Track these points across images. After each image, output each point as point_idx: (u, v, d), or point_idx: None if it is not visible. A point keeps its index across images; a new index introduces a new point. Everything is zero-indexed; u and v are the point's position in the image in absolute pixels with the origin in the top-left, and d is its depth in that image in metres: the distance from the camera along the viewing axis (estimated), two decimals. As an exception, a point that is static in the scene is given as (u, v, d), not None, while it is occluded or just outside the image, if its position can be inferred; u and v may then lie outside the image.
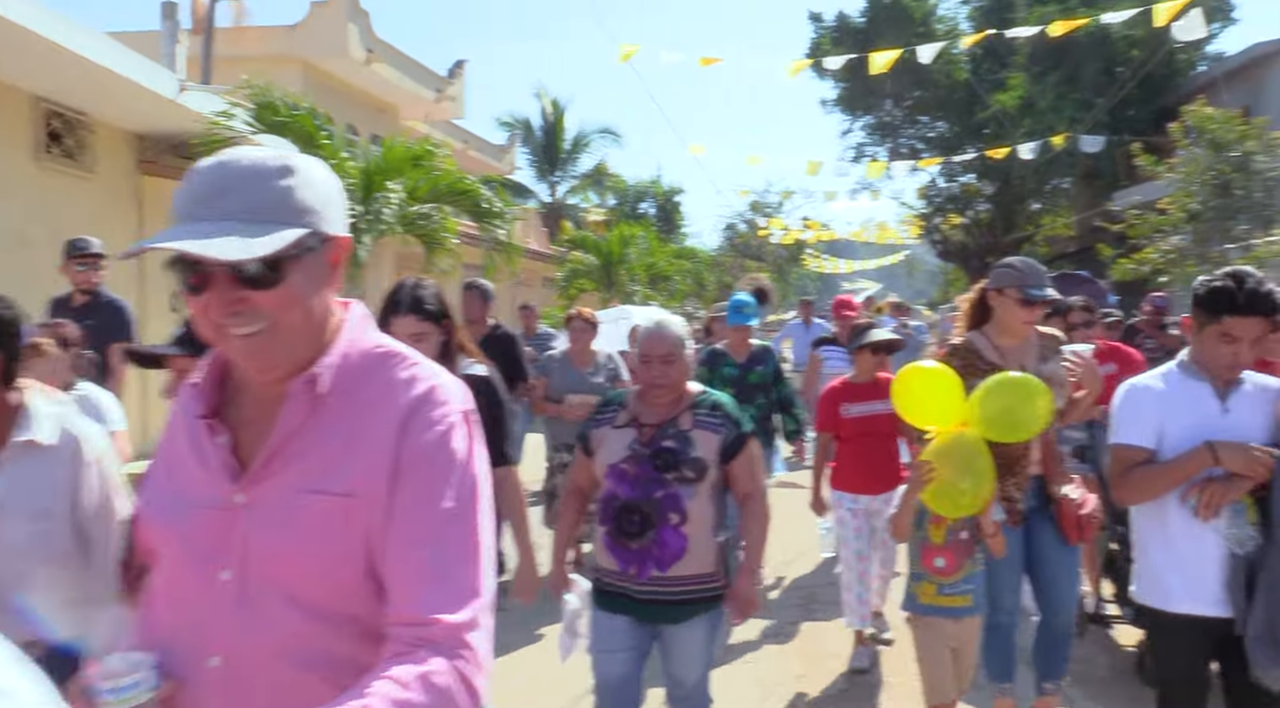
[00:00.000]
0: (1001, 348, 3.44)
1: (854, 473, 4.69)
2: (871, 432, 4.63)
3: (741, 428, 2.99)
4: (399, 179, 8.32)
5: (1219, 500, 2.47)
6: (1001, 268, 3.51)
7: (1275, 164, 10.77)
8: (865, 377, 4.75)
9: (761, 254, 39.25)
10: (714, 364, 5.59)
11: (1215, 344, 2.56)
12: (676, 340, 2.94)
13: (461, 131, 21.31)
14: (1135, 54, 20.55)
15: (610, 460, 2.93)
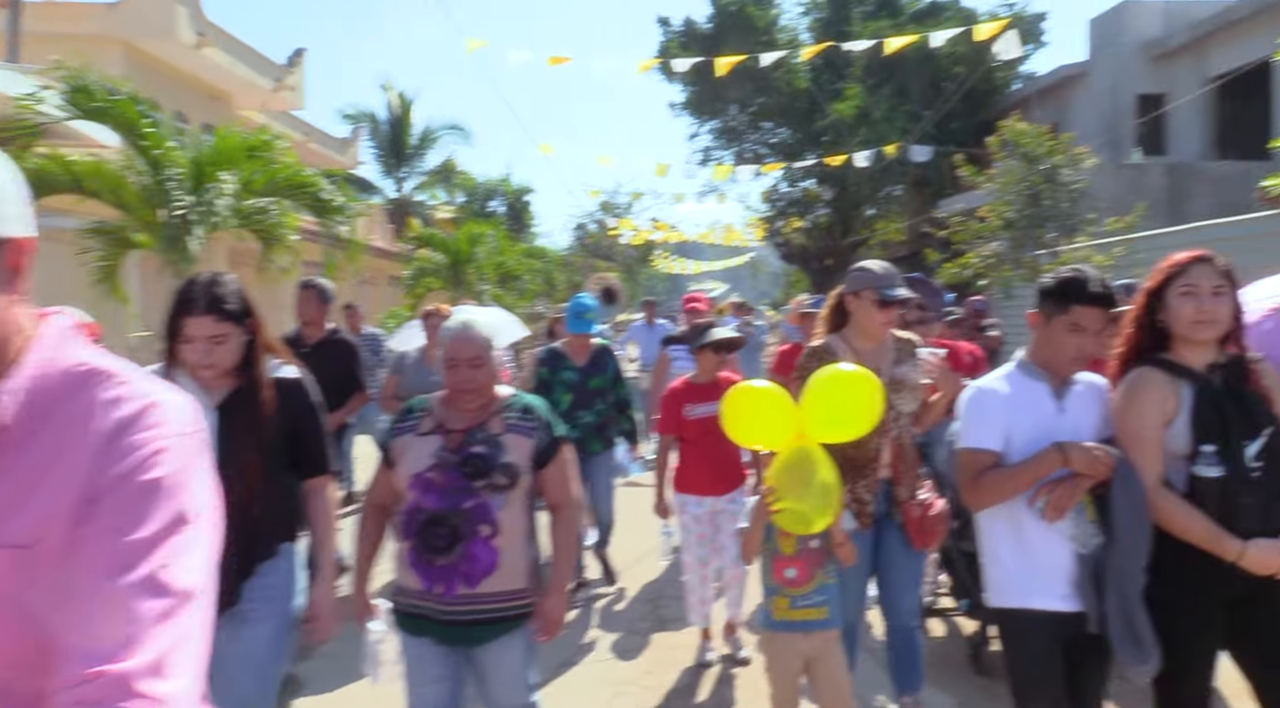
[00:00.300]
0: (858, 350, 3.43)
1: (697, 475, 4.64)
2: (714, 432, 4.40)
3: (555, 432, 2.87)
4: (233, 170, 7.90)
5: (1067, 502, 2.51)
6: (856, 271, 3.51)
7: (1079, 177, 11.73)
8: (707, 377, 4.69)
9: (612, 254, 39.57)
10: (554, 366, 5.48)
11: (1063, 335, 2.60)
12: (484, 343, 2.79)
13: (302, 123, 20.49)
14: (959, 71, 21.93)
15: (414, 470, 2.73)
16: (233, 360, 2.63)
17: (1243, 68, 16.17)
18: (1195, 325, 2.53)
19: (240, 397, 2.65)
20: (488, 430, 2.76)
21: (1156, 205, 15.65)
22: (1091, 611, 2.53)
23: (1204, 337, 2.54)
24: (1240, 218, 10.57)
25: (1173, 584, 2.52)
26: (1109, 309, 2.59)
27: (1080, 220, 11.96)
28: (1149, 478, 2.51)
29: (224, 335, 2.59)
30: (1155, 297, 2.61)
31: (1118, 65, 19.41)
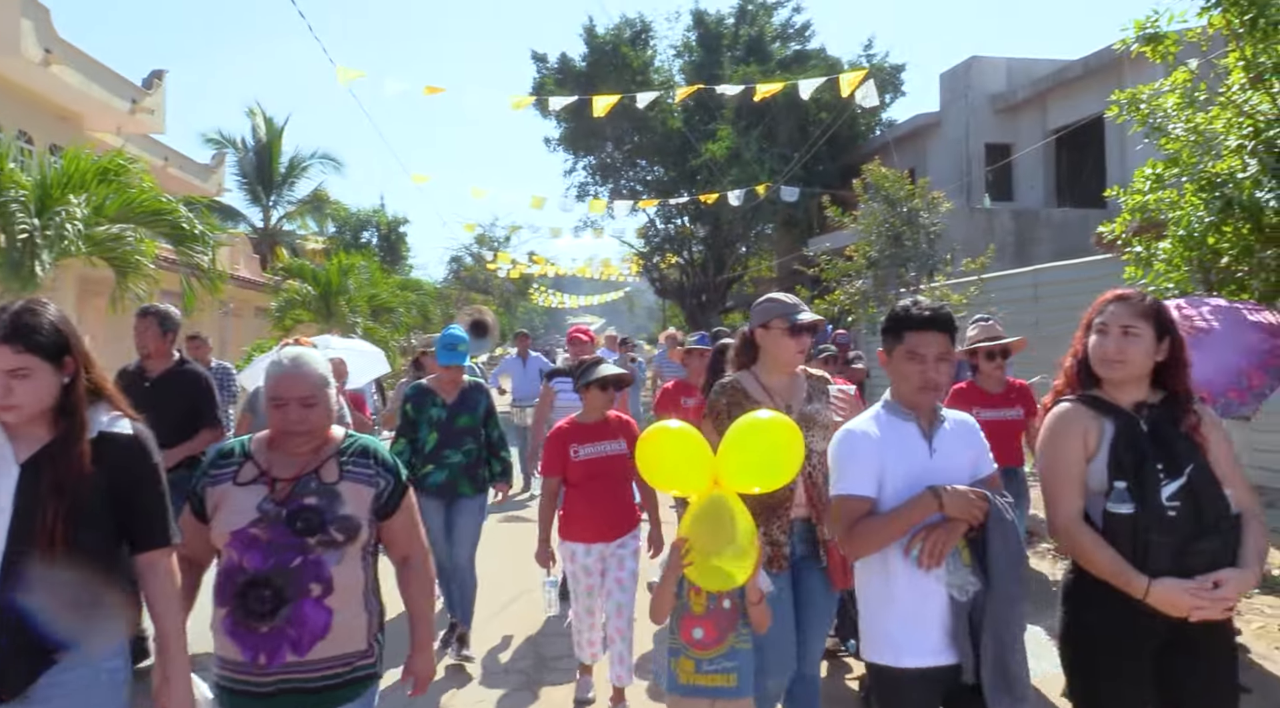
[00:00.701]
0: (769, 387, 3.35)
1: (586, 520, 4.35)
2: (603, 474, 4.33)
3: (399, 476, 2.58)
4: (83, 194, 7.48)
5: (943, 548, 2.42)
6: (763, 304, 3.41)
7: (936, 220, 12.41)
8: (595, 415, 4.43)
9: (489, 288, 39.26)
10: (420, 403, 5.16)
11: (904, 365, 2.58)
12: (318, 380, 2.48)
13: (161, 147, 19.58)
14: (824, 116, 22.93)
15: (234, 525, 2.38)
16: (39, 404, 2.20)
17: (1078, 122, 17.51)
18: (1103, 364, 2.54)
19: (52, 451, 2.20)
20: (321, 478, 2.46)
21: (1005, 248, 16.71)
22: (967, 661, 2.45)
23: (1112, 375, 2.54)
24: (1079, 261, 11.41)
25: (1097, 628, 2.49)
26: (945, 333, 2.59)
27: (938, 260, 12.63)
28: (1068, 511, 2.50)
29: (27, 370, 2.17)
30: (1087, 334, 2.62)
31: (967, 117, 20.71)
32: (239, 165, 27.21)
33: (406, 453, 5.11)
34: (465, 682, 4.92)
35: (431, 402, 5.16)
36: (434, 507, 5.05)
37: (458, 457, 5.14)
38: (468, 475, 5.19)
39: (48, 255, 7.06)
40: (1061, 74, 18.38)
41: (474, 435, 5.21)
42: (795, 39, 27.57)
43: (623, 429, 4.47)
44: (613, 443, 4.38)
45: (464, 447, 5.15)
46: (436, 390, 5.21)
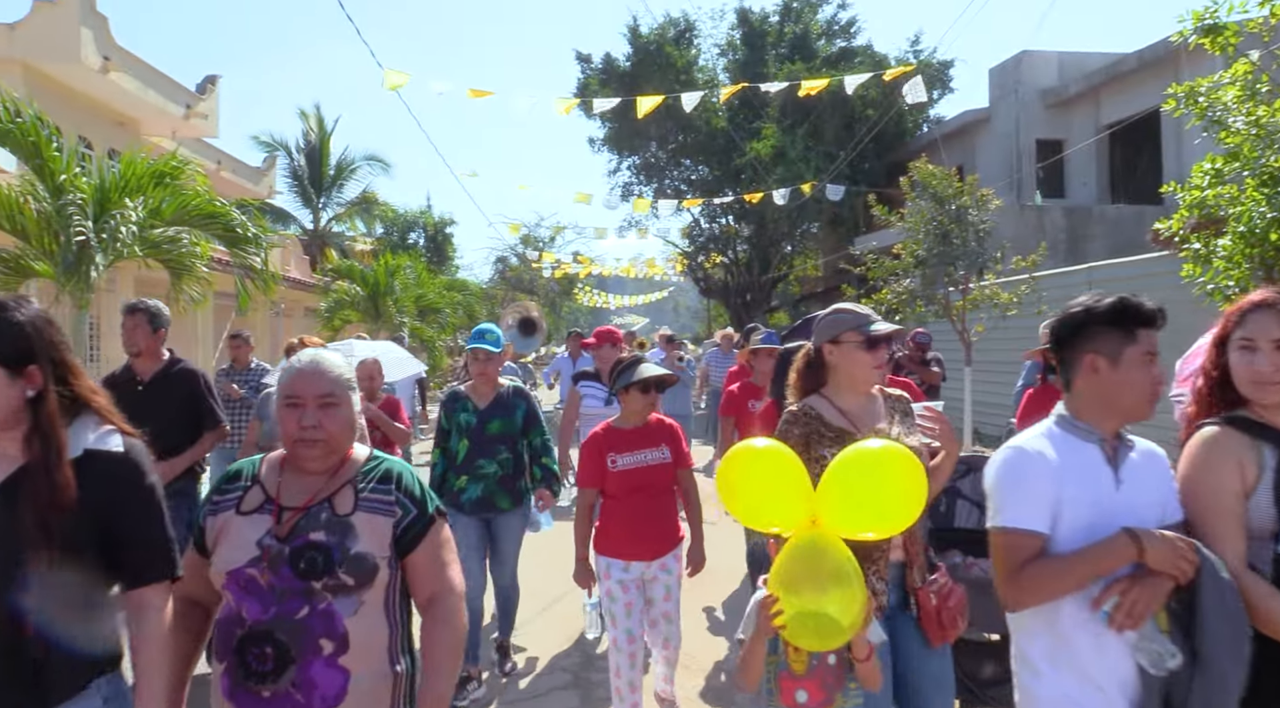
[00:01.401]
0: (847, 411, 2.82)
1: (624, 536, 3.97)
2: (644, 486, 3.96)
3: (426, 507, 2.18)
4: (139, 197, 7.65)
5: (1146, 608, 1.94)
6: (830, 317, 2.93)
7: (985, 217, 12.19)
8: (635, 420, 4.04)
9: (534, 287, 39.50)
10: (451, 409, 4.81)
11: (1137, 370, 2.09)
12: (339, 380, 2.15)
13: (214, 151, 20.00)
14: (870, 114, 22.70)
15: (231, 563, 2.01)
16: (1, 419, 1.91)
17: (1133, 116, 17.12)
18: (1256, 386, 2.12)
19: (27, 475, 1.88)
20: (334, 509, 2.07)
21: (1057, 245, 16.40)
22: None
23: (1267, 400, 2.12)
24: (1135, 258, 11.15)
25: None
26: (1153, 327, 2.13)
27: (988, 259, 12.42)
28: (1230, 560, 2.01)
29: None
30: (1221, 347, 2.22)
31: (1017, 112, 20.36)
32: (289, 168, 27.70)
33: (441, 465, 4.82)
34: (513, 681, 4.95)
35: (462, 407, 4.79)
36: (471, 525, 4.73)
37: (492, 467, 4.73)
38: (505, 487, 4.77)
39: (103, 258, 7.23)
40: (1115, 68, 17.98)
41: (509, 443, 4.79)
42: (840, 36, 27.34)
43: (666, 435, 4.07)
44: (654, 451, 3.99)
45: (498, 456, 4.74)
46: (469, 395, 4.85)
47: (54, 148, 7.34)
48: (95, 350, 12.67)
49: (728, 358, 11.96)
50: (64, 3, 13.03)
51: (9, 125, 7.11)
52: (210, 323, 15.76)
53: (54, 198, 7.23)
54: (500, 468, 4.75)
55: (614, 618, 3.99)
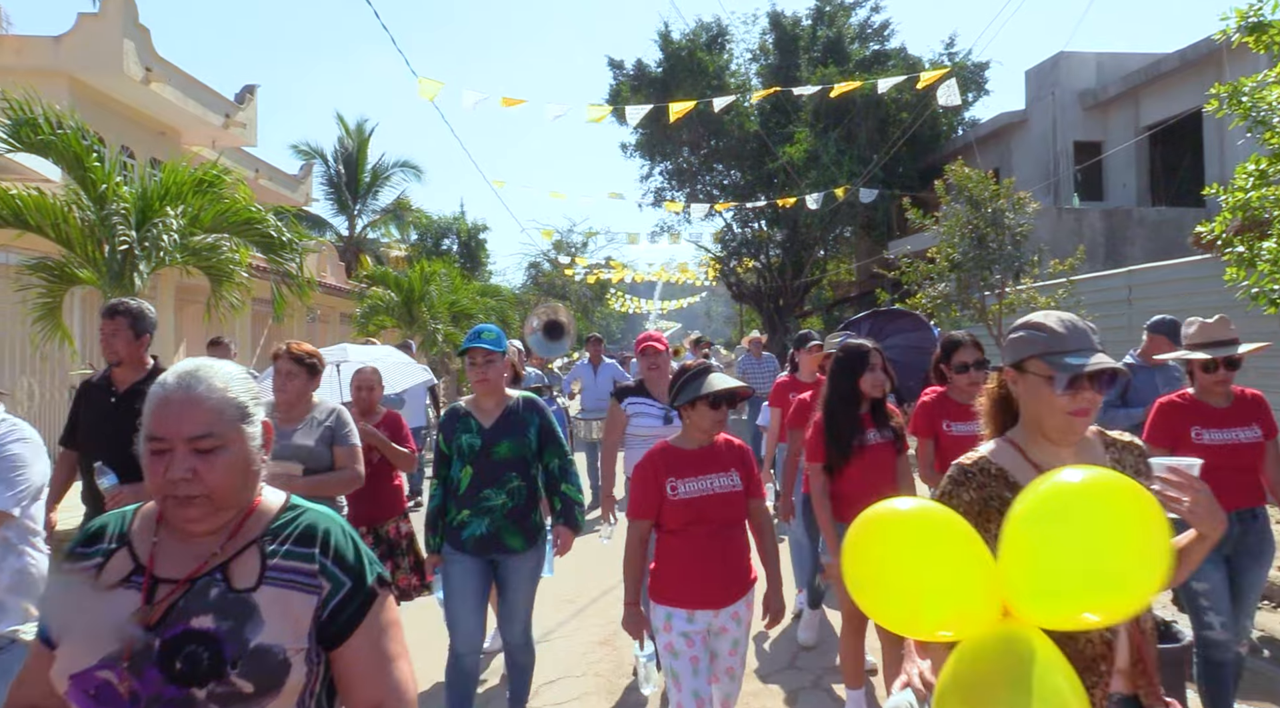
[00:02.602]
0: (1042, 465, 1.95)
1: (688, 579, 3.28)
2: (710, 518, 3.29)
3: (364, 577, 1.59)
4: (180, 205, 7.79)
5: None
6: (1020, 332, 2.03)
7: (1021, 220, 12.06)
8: (700, 440, 3.39)
9: (566, 293, 39.62)
10: (450, 430, 3.98)
11: None
12: (223, 411, 1.55)
13: (252, 160, 20.30)
14: (904, 116, 22.53)
15: (77, 664, 1.43)
16: None
17: (1174, 117, 16.84)
18: None
19: None
20: (229, 581, 1.51)
21: (1095, 249, 16.16)
22: None
23: None
24: (1176, 262, 10.95)
25: None
26: None
27: (1024, 263, 12.28)
28: None
29: None
30: None
31: (1054, 114, 20.10)
32: (326, 175, 28.07)
33: (439, 496, 4.01)
34: (543, 684, 4.95)
35: (464, 427, 3.96)
36: (472, 566, 3.91)
37: (500, 498, 3.89)
38: (516, 523, 3.92)
39: (145, 266, 7.37)
40: (1155, 68, 17.70)
41: (521, 469, 3.95)
42: (874, 39, 27.17)
43: (736, 458, 3.43)
44: (723, 477, 3.34)
45: (508, 484, 3.90)
46: (471, 412, 4.02)
47: (96, 158, 7.49)
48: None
49: (761, 364, 11.85)
50: (108, 16, 13.31)
51: (52, 137, 7.27)
52: (248, 329, 15.99)
53: (97, 207, 7.39)
54: (510, 499, 3.90)
55: (677, 678, 3.28)
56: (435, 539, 3.98)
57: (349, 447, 4.07)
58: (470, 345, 3.96)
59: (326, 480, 3.96)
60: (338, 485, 4.01)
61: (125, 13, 13.43)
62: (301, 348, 4.13)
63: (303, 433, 3.99)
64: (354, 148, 28.21)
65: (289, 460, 3.86)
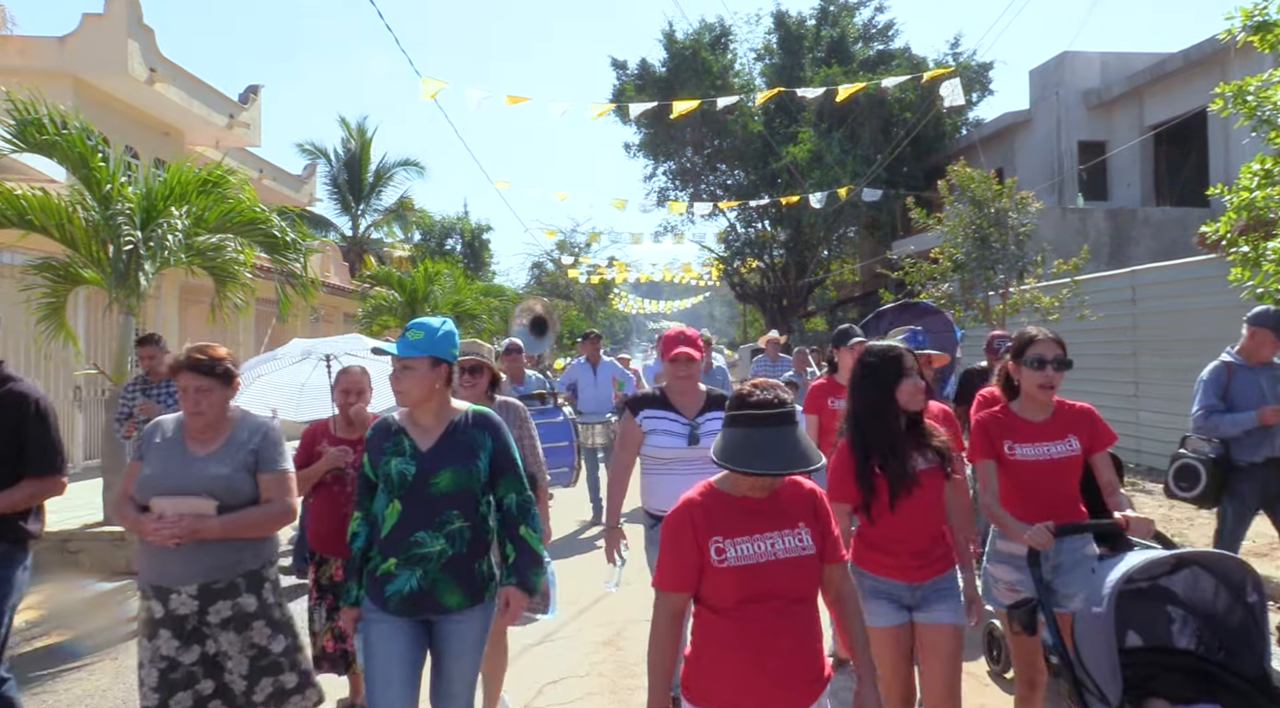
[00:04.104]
0: None
1: (739, 676, 2.31)
2: (772, 593, 2.31)
3: None
4: (185, 206, 7.81)
5: None
6: None
7: (1024, 220, 12.05)
8: (758, 487, 2.37)
9: (569, 293, 39.65)
10: (377, 452, 3.03)
11: None
12: None
13: (256, 160, 20.34)
14: (908, 117, 22.51)
15: None
16: None
17: (1178, 117, 16.81)
18: None
19: None
20: None
21: (1099, 249, 16.14)
22: None
23: None
24: (1180, 261, 10.93)
25: None
26: None
27: (1028, 262, 12.27)
28: None
29: None
30: None
31: (1058, 114, 20.08)
32: (329, 175, 28.10)
33: (363, 535, 3.06)
34: (547, 684, 4.96)
35: (395, 448, 3.01)
36: (399, 631, 2.97)
37: (437, 544, 2.94)
38: (455, 575, 2.97)
39: (150, 266, 7.38)
40: (1160, 68, 17.67)
41: (466, 506, 2.98)
42: (878, 39, 27.18)
43: (806, 507, 2.45)
44: (789, 535, 2.36)
45: (447, 526, 2.94)
46: (406, 428, 3.05)
47: (101, 158, 7.51)
48: (141, 356, 12.91)
49: (776, 368, 11.55)
50: (112, 17, 13.34)
51: (56, 137, 7.28)
52: (252, 329, 16.01)
53: (102, 207, 7.40)
54: (449, 545, 2.94)
55: None
56: (356, 588, 3.06)
57: (277, 473, 3.23)
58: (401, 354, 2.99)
59: (246, 519, 3.13)
60: (263, 523, 3.20)
61: (129, 13, 13.46)
62: (206, 353, 3.19)
63: (219, 459, 3.16)
64: (357, 148, 28.24)
65: (198, 496, 3.08)
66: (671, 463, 3.91)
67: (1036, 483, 3.38)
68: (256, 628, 3.17)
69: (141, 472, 3.18)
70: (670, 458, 3.96)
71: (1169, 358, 9.89)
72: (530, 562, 3.07)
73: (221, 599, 3.11)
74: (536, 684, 4.91)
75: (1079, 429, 3.43)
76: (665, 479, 3.92)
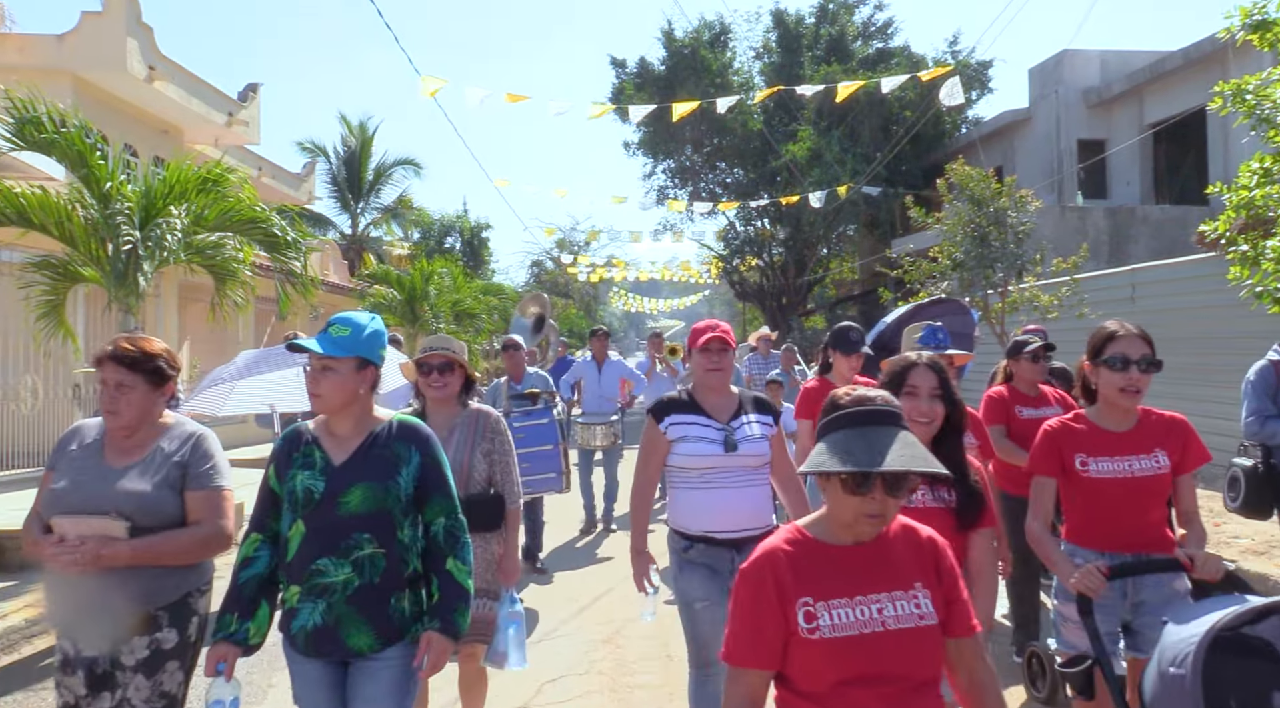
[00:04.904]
0: None
1: None
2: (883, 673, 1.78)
3: None
4: (184, 204, 7.80)
5: None
6: None
7: (1024, 219, 12.04)
8: (861, 531, 1.84)
9: (569, 291, 39.66)
10: (283, 463, 2.63)
11: None
12: None
13: (256, 158, 20.32)
14: (908, 115, 22.50)
15: None
16: None
17: (1178, 115, 16.81)
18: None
19: None
20: None
21: (1099, 247, 16.14)
22: None
23: None
24: (1179, 260, 10.93)
25: None
26: None
27: (1027, 261, 12.26)
28: None
29: None
30: None
31: (1058, 112, 20.07)
32: (329, 173, 28.09)
33: (265, 558, 2.61)
34: (547, 682, 4.96)
35: (304, 459, 2.61)
36: (317, 680, 2.60)
37: (341, 573, 2.51)
38: (364, 611, 2.52)
39: (149, 265, 7.38)
40: (1159, 66, 17.67)
41: (381, 529, 2.54)
42: (877, 37, 27.17)
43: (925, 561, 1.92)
44: (901, 599, 1.83)
45: (355, 552, 2.50)
46: (319, 437, 2.65)
47: (100, 156, 7.50)
48: (140, 354, 12.92)
49: (768, 365, 11.70)
50: (111, 14, 13.32)
51: (55, 135, 7.28)
52: (251, 327, 16.00)
53: (101, 205, 7.39)
54: (356, 575, 2.51)
55: None
56: (233, 620, 2.53)
57: (208, 491, 2.77)
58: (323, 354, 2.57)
59: (165, 545, 2.67)
60: (188, 549, 2.72)
61: (128, 11, 13.45)
62: (137, 344, 2.77)
63: (139, 472, 2.72)
64: (357, 146, 28.23)
65: (107, 514, 2.62)
66: (706, 474, 3.36)
67: (1115, 506, 2.78)
68: (169, 671, 2.67)
69: (51, 484, 2.73)
70: (704, 468, 3.37)
71: (1168, 356, 9.83)
72: (455, 599, 2.59)
73: (137, 637, 2.65)
74: (536, 683, 4.91)
75: (1168, 443, 2.86)
76: (698, 494, 3.39)
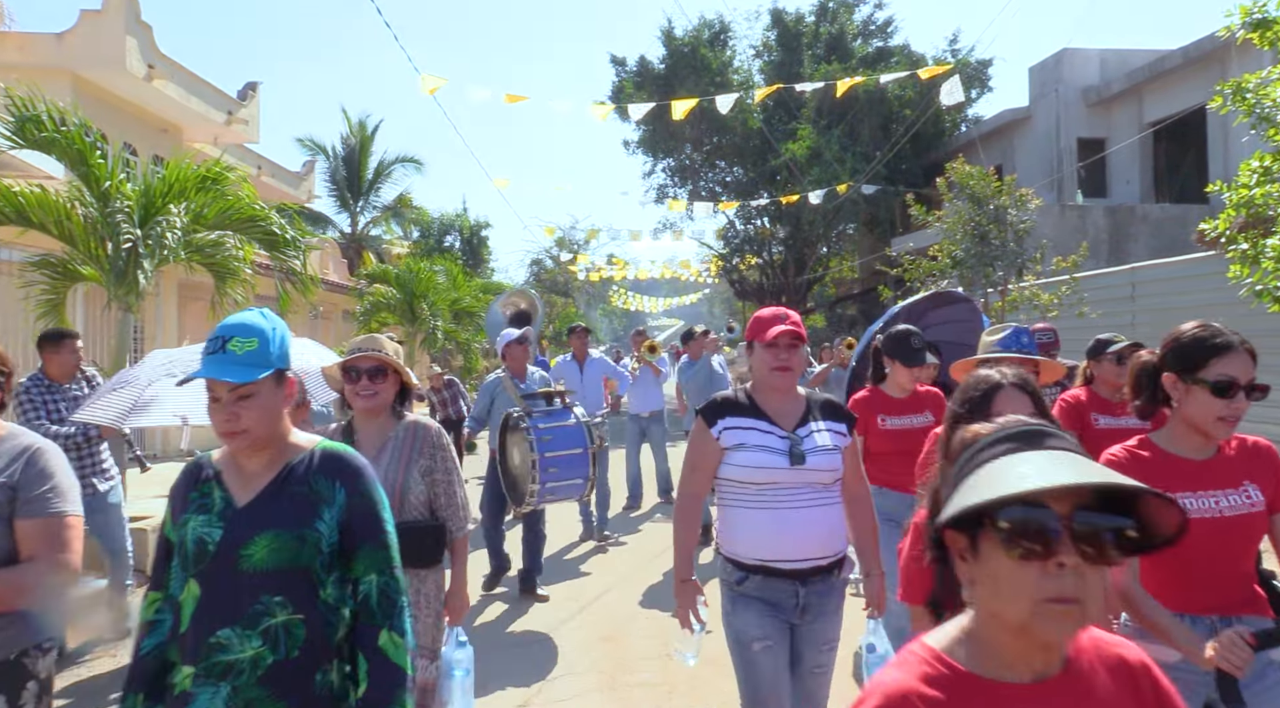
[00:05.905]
0: None
1: None
2: None
3: None
4: (184, 202, 7.79)
5: None
6: None
7: (1023, 217, 12.04)
8: (1028, 651, 1.10)
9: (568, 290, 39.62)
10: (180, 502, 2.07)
11: None
12: None
13: (255, 156, 20.33)
14: (908, 114, 22.49)
15: None
16: None
17: (1178, 114, 16.80)
18: None
19: None
20: None
21: (1098, 246, 16.14)
22: None
23: None
24: (1179, 259, 10.93)
25: None
26: None
27: (1027, 259, 12.27)
28: None
29: None
30: None
31: (1058, 111, 20.07)
32: (329, 171, 28.07)
33: (166, 624, 2.02)
34: (546, 680, 4.96)
35: (200, 500, 2.04)
36: None
37: (249, 648, 1.92)
38: (284, 695, 1.94)
39: (149, 263, 7.37)
40: (1159, 64, 17.66)
41: (297, 590, 1.97)
42: (877, 36, 27.14)
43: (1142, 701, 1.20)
44: None
45: (264, 620, 1.93)
46: (221, 470, 2.09)
47: (99, 155, 7.49)
48: (138, 354, 12.91)
49: None
50: (110, 13, 13.32)
51: (54, 134, 7.27)
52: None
53: (100, 204, 7.38)
54: (270, 649, 1.93)
55: None
56: (134, 702, 1.98)
57: (46, 518, 2.23)
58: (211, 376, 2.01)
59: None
60: (20, 589, 2.18)
61: (128, 9, 13.44)
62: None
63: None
64: (356, 144, 28.20)
65: None
66: (766, 491, 2.83)
67: (1202, 554, 2.18)
68: None
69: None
70: (764, 484, 2.83)
71: (1168, 355, 9.87)
72: (392, 688, 1.97)
73: None
74: (535, 681, 4.92)
75: (1258, 474, 2.29)
76: (757, 515, 2.84)
